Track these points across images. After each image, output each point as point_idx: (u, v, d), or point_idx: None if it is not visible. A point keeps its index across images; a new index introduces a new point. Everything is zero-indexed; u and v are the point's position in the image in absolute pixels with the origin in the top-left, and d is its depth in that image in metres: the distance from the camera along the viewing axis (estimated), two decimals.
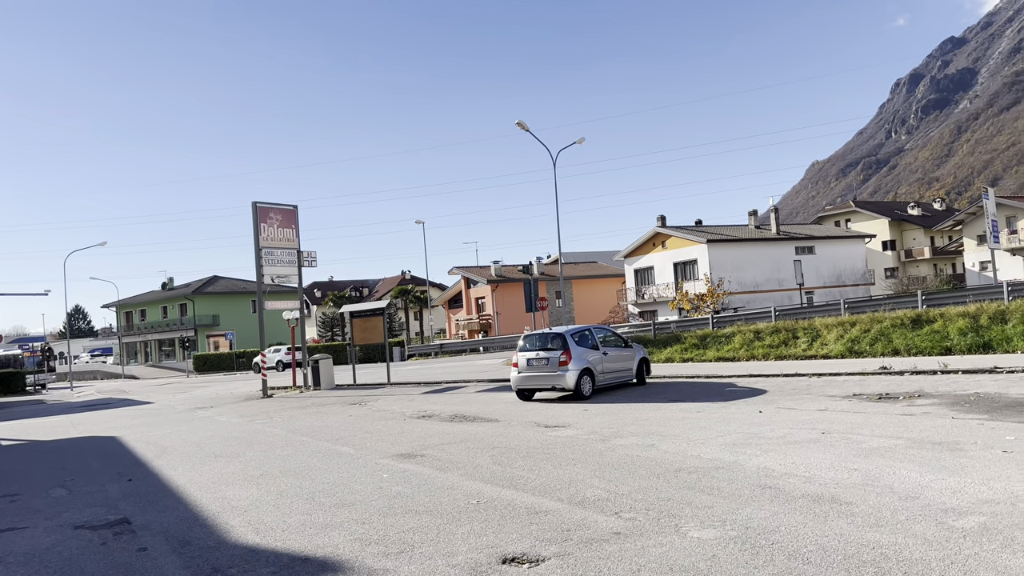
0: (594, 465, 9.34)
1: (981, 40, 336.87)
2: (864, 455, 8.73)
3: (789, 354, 24.77)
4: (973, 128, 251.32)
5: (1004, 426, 9.97)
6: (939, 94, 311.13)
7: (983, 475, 7.33)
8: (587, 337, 18.66)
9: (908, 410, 12.10)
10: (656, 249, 57.53)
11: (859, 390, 15.32)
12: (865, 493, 6.97)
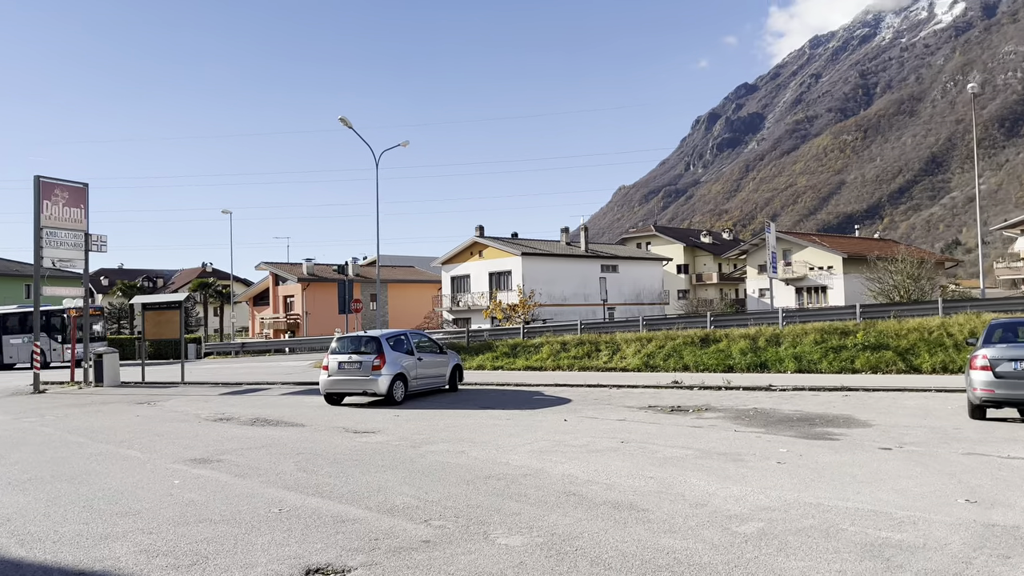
0: (404, 472, 9.22)
1: (770, 89, 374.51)
2: (659, 464, 9.29)
3: (592, 365, 25.98)
4: (759, 168, 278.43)
5: (778, 439, 11.02)
6: (732, 134, 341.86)
7: (761, 484, 8.04)
8: (402, 342, 18.48)
9: (697, 422, 13.06)
10: (473, 258, 58.38)
11: (654, 402, 16.34)
12: (660, 500, 7.40)
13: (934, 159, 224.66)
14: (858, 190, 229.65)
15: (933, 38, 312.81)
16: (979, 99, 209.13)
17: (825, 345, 22.51)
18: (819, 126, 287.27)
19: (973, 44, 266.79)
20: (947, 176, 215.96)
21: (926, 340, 21.20)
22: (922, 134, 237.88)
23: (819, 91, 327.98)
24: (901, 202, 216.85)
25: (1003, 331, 12.46)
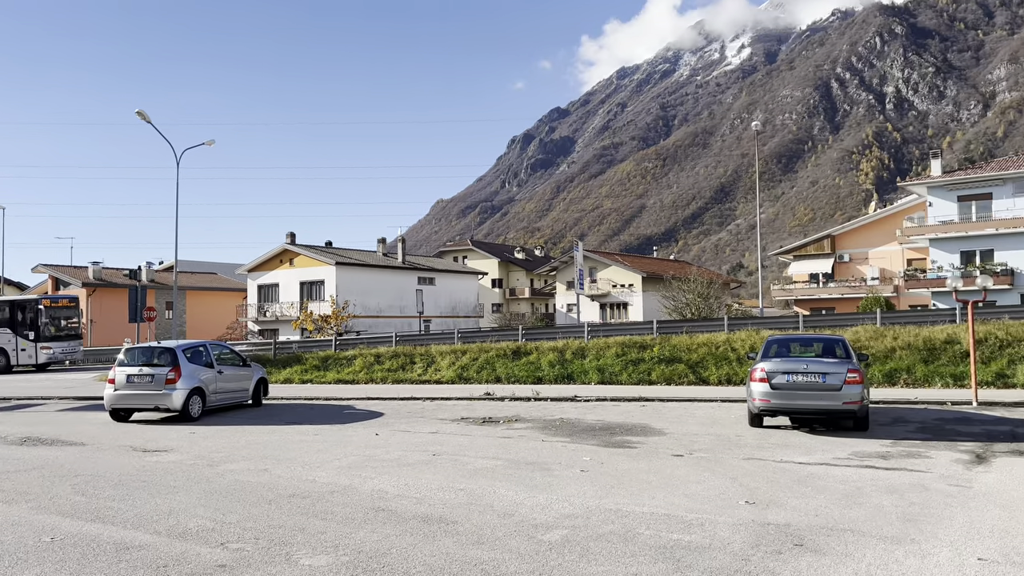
0: (200, 493, 8.61)
1: (580, 114, 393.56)
2: (470, 475, 9.36)
3: (406, 378, 25.79)
4: (569, 189, 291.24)
5: (582, 448, 11.48)
6: (545, 155, 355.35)
7: (566, 492, 8.32)
8: (201, 353, 17.34)
9: (507, 433, 13.32)
10: (284, 266, 56.16)
11: (467, 414, 16.48)
12: (469, 512, 7.44)
13: (723, 188, 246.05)
14: (657, 214, 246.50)
15: (724, 78, 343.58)
16: (761, 136, 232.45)
17: (625, 358, 23.83)
18: (624, 152, 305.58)
19: (757, 86, 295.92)
20: (733, 204, 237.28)
21: (713, 354, 23.04)
22: (713, 165, 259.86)
23: (625, 119, 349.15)
24: (694, 227, 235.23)
25: (778, 347, 13.82)
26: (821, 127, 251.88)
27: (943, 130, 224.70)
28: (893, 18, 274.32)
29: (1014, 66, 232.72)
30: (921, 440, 11.43)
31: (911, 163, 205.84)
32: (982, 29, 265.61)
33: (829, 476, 8.94)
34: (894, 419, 13.79)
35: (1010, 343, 19.93)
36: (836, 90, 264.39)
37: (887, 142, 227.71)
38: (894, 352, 20.74)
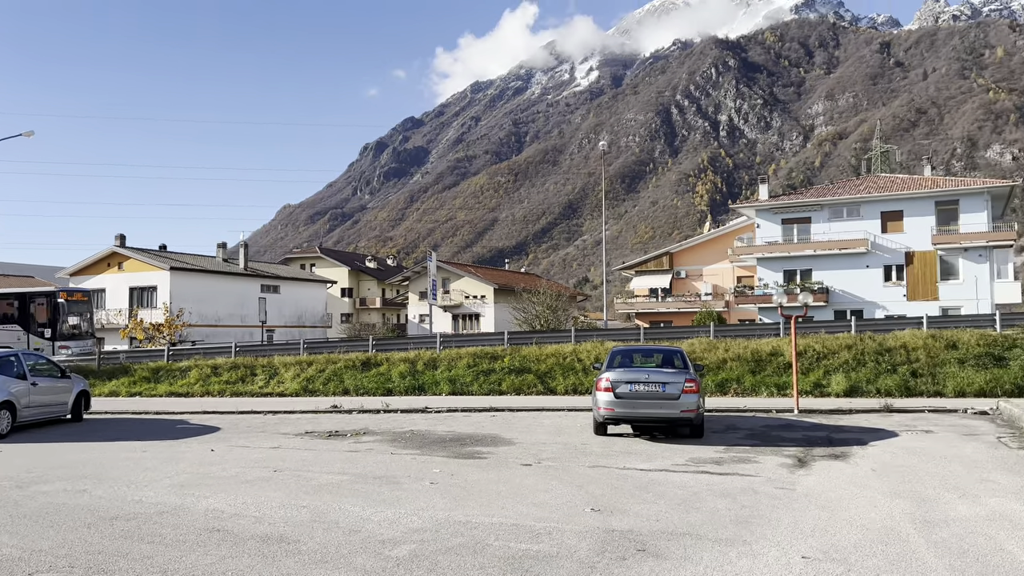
0: (5, 517, 7.72)
1: (434, 125, 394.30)
2: (313, 492, 8.98)
3: (247, 391, 24.59)
4: (423, 199, 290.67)
5: (432, 460, 11.34)
6: (399, 164, 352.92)
7: (414, 506, 8.15)
8: (12, 364, 15.71)
9: (355, 446, 12.95)
10: (112, 270, 52.15)
11: (312, 427, 15.90)
12: (313, 530, 7.11)
13: (571, 205, 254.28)
14: (509, 227, 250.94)
15: (573, 98, 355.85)
16: (607, 157, 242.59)
17: (477, 368, 23.92)
18: (477, 166, 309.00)
19: (604, 108, 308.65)
20: (580, 221, 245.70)
21: (561, 364, 23.60)
22: (562, 182, 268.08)
23: (478, 133, 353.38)
24: (544, 241, 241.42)
25: (622, 357, 14.34)
26: (662, 150, 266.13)
27: (769, 158, 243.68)
28: (727, 51, 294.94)
29: (830, 102, 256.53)
30: (751, 446, 12.18)
31: (741, 187, 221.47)
32: (803, 67, 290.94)
33: (669, 482, 9.31)
34: (726, 426, 14.63)
35: (826, 355, 21.73)
36: (676, 116, 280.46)
37: (720, 167, 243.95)
38: (725, 363, 22.07)
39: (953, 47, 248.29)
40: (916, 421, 14.89)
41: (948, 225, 40.50)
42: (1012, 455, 10.77)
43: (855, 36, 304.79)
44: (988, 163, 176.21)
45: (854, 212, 42.63)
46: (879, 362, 21.03)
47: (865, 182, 46.64)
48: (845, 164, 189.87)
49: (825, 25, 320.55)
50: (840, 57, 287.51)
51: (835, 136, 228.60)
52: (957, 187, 41.65)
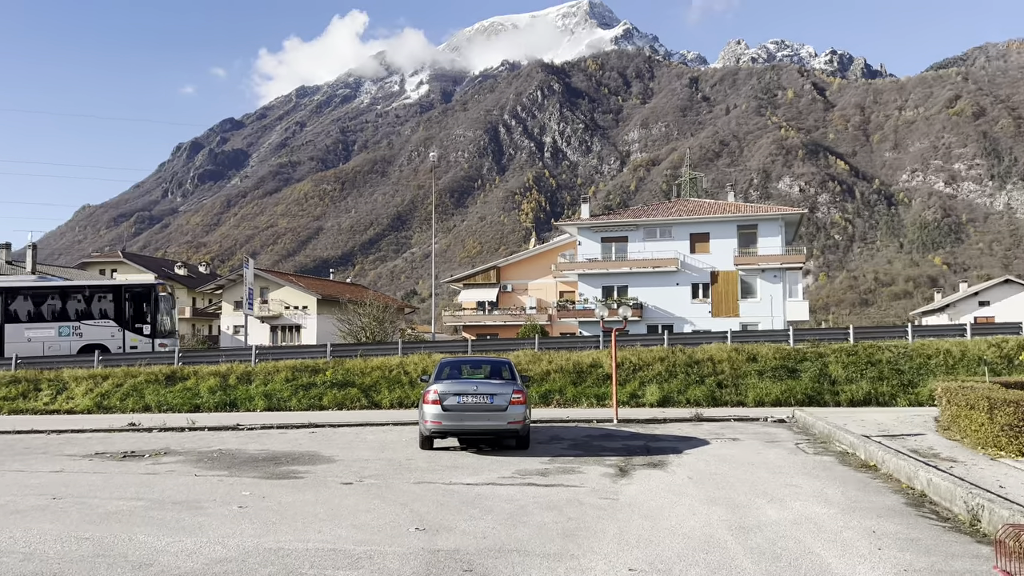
0: None
1: (256, 128, 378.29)
2: (100, 521, 7.90)
3: (29, 408, 21.89)
4: (241, 204, 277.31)
5: (242, 481, 10.43)
6: (216, 167, 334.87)
7: (220, 533, 7.35)
8: None
9: (153, 468, 11.71)
10: None
11: (103, 448, 14.28)
12: (95, 566, 6.19)
13: (400, 217, 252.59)
14: (334, 237, 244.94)
15: (403, 110, 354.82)
16: (436, 171, 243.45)
17: (296, 382, 22.75)
18: (302, 172, 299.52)
19: (434, 123, 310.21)
20: (409, 233, 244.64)
21: (387, 377, 22.97)
22: (391, 194, 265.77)
23: (303, 139, 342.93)
24: (371, 252, 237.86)
25: (451, 369, 14.04)
26: (490, 167, 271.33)
27: (589, 180, 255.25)
28: (552, 76, 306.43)
29: (645, 131, 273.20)
30: (574, 456, 12.27)
31: (564, 207, 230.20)
32: (622, 96, 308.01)
33: (496, 496, 9.08)
34: (551, 437, 14.73)
35: (641, 367, 22.67)
36: (503, 135, 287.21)
37: (545, 186, 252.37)
38: (549, 375, 22.46)
39: (752, 86, 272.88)
40: (724, 429, 15.75)
41: (748, 248, 44.00)
42: (810, 460, 11.56)
43: (668, 70, 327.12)
44: (780, 193, 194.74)
45: (666, 233, 45.27)
46: (689, 374, 22.22)
47: (676, 205, 49.72)
48: (657, 189, 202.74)
49: (641, 58, 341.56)
50: (655, 89, 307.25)
51: (649, 162, 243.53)
52: (756, 213, 45.42)
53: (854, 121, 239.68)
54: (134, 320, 26.82)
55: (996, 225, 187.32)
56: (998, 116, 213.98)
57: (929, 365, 22.38)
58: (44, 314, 26.48)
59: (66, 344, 26.01)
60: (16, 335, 26.03)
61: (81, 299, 26.84)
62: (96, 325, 26.37)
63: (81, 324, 26.22)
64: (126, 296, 27.06)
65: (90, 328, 26.23)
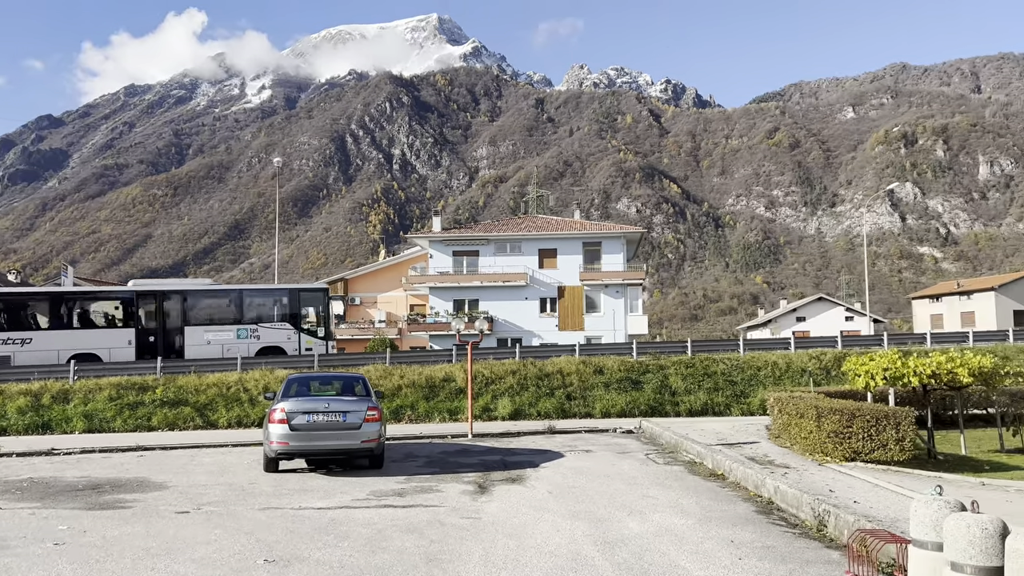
0: None
1: (78, 127, 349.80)
2: None
3: None
4: (59, 208, 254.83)
5: (58, 514, 9.25)
6: (30, 167, 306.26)
7: None
8: None
9: None
10: None
11: None
12: None
13: (237, 225, 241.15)
14: (165, 246, 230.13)
15: (243, 115, 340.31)
16: (280, 178, 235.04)
17: (121, 401, 20.85)
18: (129, 175, 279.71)
19: (276, 129, 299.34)
20: (248, 243, 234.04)
21: (224, 395, 21.54)
22: (228, 200, 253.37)
23: (132, 140, 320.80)
24: (205, 262, 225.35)
25: (299, 385, 13.24)
26: (336, 177, 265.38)
27: (439, 194, 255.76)
28: (401, 88, 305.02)
29: (493, 148, 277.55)
30: (431, 474, 11.91)
31: (413, 220, 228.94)
32: (470, 112, 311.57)
33: (351, 520, 8.57)
34: (405, 455, 14.27)
35: (493, 380, 22.65)
36: (351, 145, 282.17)
37: (393, 199, 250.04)
38: (401, 390, 21.94)
39: (594, 110, 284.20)
40: (576, 441, 15.94)
41: (593, 264, 45.44)
42: (661, 471, 11.85)
43: (515, 90, 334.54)
44: (619, 213, 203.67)
45: (516, 248, 45.90)
46: (540, 386, 22.44)
47: (526, 221, 50.58)
48: (505, 205, 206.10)
49: (490, 76, 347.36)
50: (502, 107, 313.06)
51: (497, 179, 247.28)
52: (600, 231, 47.04)
53: (686, 147, 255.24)
54: (312, 323, 26.48)
55: (809, 247, 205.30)
56: (810, 148, 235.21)
57: (759, 376, 23.85)
58: (222, 317, 25.96)
59: (244, 346, 25.34)
60: (196, 338, 25.15)
61: (257, 302, 26.89)
62: (273, 328, 25.98)
63: (259, 327, 25.79)
64: (299, 299, 26.72)
65: (267, 331, 25.90)
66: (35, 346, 23.59)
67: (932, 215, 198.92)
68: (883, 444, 11.54)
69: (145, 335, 24.79)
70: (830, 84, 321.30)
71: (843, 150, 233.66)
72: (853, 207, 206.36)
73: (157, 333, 24.97)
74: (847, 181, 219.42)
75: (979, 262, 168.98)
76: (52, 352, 23.65)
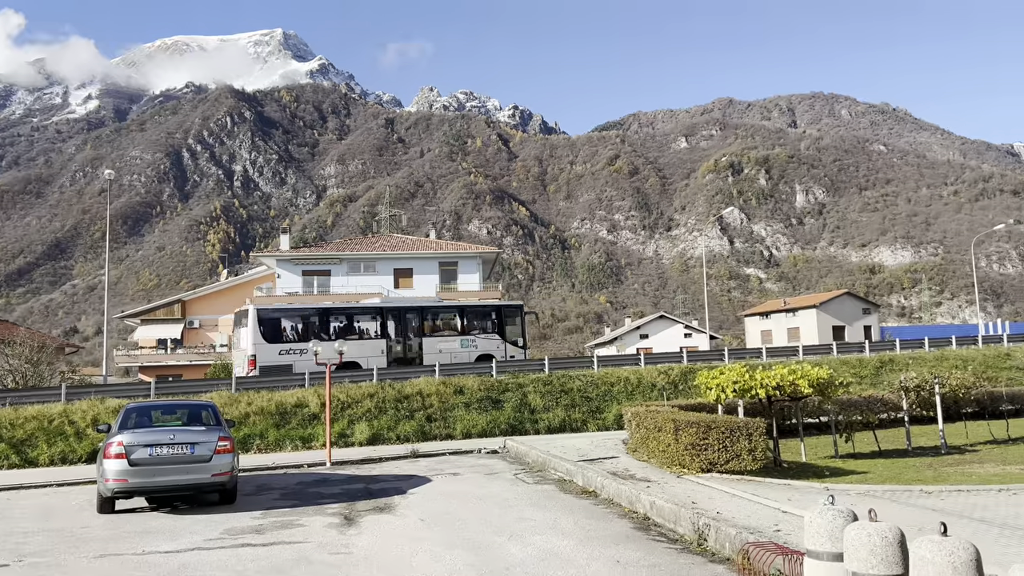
0: None
1: None
2: None
3: None
4: None
5: None
6: None
7: None
8: None
9: None
10: None
11: None
12: None
13: (58, 244, 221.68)
14: None
15: (66, 126, 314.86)
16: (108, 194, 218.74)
17: None
18: None
19: (104, 141, 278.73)
20: (70, 263, 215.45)
21: (46, 429, 19.39)
22: (48, 218, 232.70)
23: None
24: (20, 284, 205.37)
25: (139, 415, 11.99)
26: (171, 194, 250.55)
27: (284, 213, 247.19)
28: (243, 103, 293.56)
29: (342, 166, 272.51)
30: (290, 507, 11.11)
31: (256, 239, 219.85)
32: (317, 130, 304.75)
33: (205, 564, 7.75)
34: (258, 487, 13.30)
35: (350, 404, 21.83)
36: (188, 160, 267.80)
37: (234, 217, 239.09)
38: (248, 417, 20.67)
39: (444, 132, 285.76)
40: (442, 464, 15.52)
41: (450, 283, 45.21)
42: (532, 491, 11.68)
43: (364, 109, 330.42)
44: (470, 234, 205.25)
45: (371, 268, 44.89)
46: (399, 409, 21.87)
47: (380, 241, 49.68)
48: (355, 225, 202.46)
49: (338, 94, 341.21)
50: (351, 126, 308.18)
51: (346, 198, 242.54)
52: (457, 251, 46.99)
53: (534, 172, 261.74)
54: (510, 334, 29.48)
55: (648, 268, 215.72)
56: (648, 175, 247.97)
57: (613, 392, 24.46)
58: (448, 329, 29.15)
59: (466, 354, 28.28)
60: (431, 347, 27.97)
61: (472, 316, 29.80)
62: (487, 338, 29.12)
63: (476, 338, 28.85)
64: (504, 314, 30.04)
65: (483, 341, 28.94)
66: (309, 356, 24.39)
67: (757, 239, 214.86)
68: (737, 455, 11.96)
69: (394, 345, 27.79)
70: (665, 115, 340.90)
71: (677, 177, 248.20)
72: (687, 231, 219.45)
73: (403, 343, 27.91)
74: (681, 207, 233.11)
75: (798, 282, 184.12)
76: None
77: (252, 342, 25.36)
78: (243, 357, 25.85)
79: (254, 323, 25.61)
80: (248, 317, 25.71)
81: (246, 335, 25.82)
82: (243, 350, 25.98)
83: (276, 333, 26.21)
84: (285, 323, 26.71)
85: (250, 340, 25.44)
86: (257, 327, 25.63)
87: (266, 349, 25.34)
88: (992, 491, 10.11)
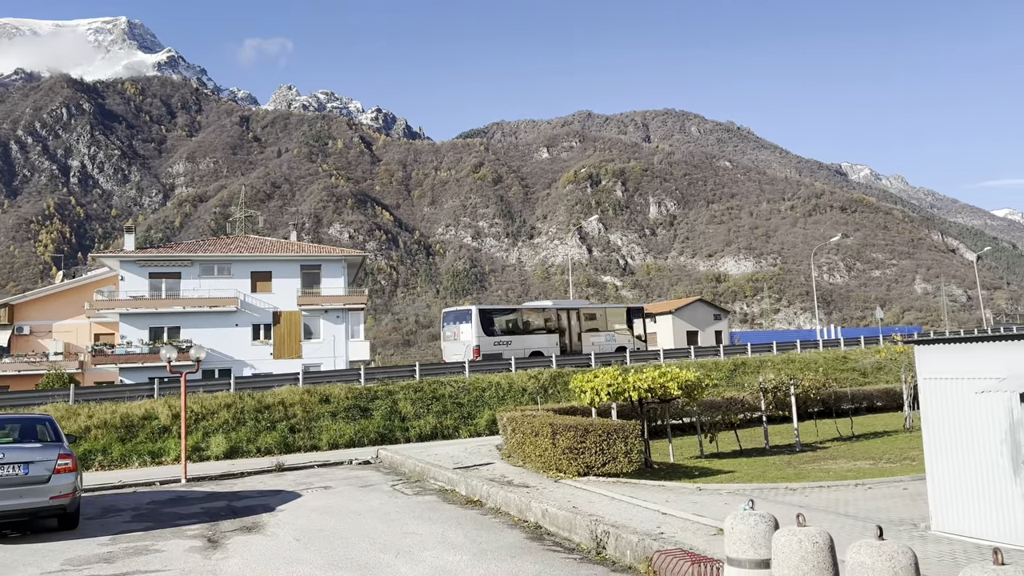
0: None
1: None
2: None
3: None
4: None
5: None
6: None
7: None
8: None
9: None
10: None
11: None
12: None
13: None
14: None
15: None
16: None
17: None
18: None
19: None
20: None
21: None
22: None
23: None
24: None
25: None
26: None
27: (127, 212, 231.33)
28: (81, 94, 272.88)
29: (192, 164, 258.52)
30: (144, 531, 10.04)
31: (95, 239, 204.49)
32: (165, 126, 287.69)
33: None
34: (104, 509, 12.01)
35: (205, 416, 20.41)
36: (16, 153, 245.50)
37: (70, 215, 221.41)
38: (89, 431, 18.91)
39: (303, 132, 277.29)
40: (311, 478, 14.68)
41: (312, 288, 43.52)
42: (413, 502, 11.18)
43: (217, 105, 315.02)
44: (331, 238, 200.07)
45: (225, 270, 42.46)
46: (259, 420, 20.69)
47: (236, 242, 47.14)
48: (205, 227, 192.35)
49: (188, 88, 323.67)
50: (202, 122, 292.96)
51: (196, 198, 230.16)
52: (320, 254, 45.27)
53: (398, 176, 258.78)
54: (636, 328, 34.98)
55: (511, 275, 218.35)
56: (511, 183, 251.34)
57: (484, 397, 24.29)
58: (596, 327, 33.89)
59: (609, 346, 33.04)
60: (588, 340, 32.91)
61: (613, 316, 35.17)
62: (623, 333, 34.37)
63: (615, 333, 34.16)
64: (632, 314, 35.47)
65: (620, 336, 34.15)
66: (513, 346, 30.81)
67: (613, 248, 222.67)
68: (614, 457, 12.00)
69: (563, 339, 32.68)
70: (527, 125, 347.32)
71: (539, 187, 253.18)
72: (548, 239, 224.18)
73: (569, 337, 32.82)
74: (543, 215, 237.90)
75: (651, 290, 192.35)
76: (521, 350, 30.70)
77: (475, 335, 29.96)
78: (467, 347, 29.92)
79: (477, 320, 30.31)
80: (472, 315, 30.54)
81: (468, 330, 30.38)
82: (465, 343, 30.23)
83: (491, 328, 30.89)
84: (496, 320, 31.64)
85: (474, 333, 30.05)
86: (479, 323, 30.34)
87: (486, 341, 30.11)
88: (850, 486, 10.63)
